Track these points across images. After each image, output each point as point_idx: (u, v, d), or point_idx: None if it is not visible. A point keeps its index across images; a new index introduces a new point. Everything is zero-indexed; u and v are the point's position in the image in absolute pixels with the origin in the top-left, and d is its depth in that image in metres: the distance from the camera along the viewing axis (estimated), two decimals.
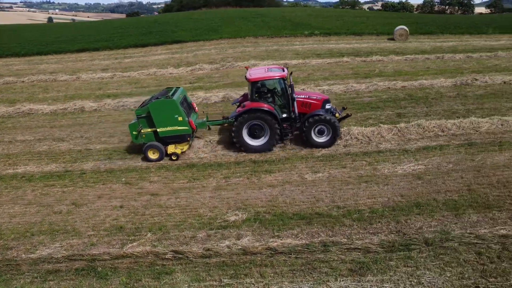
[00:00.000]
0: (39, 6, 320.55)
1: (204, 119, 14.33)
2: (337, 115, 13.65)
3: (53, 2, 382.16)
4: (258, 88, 13.33)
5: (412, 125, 14.00)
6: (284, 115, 13.41)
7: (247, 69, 14.29)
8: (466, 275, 7.36)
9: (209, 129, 14.78)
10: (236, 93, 19.50)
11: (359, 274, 7.61)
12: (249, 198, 10.58)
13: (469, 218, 8.95)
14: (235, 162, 12.78)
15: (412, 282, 7.31)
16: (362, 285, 7.33)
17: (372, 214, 9.40)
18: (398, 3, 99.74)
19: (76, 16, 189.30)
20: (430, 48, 28.64)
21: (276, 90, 13.65)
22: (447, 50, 27.78)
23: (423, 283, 7.26)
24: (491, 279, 7.22)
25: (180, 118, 12.96)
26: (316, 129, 13.12)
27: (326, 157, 12.64)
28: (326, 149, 13.06)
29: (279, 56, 27.90)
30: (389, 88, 19.27)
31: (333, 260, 8.02)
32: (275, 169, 12.06)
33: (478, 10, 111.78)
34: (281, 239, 8.72)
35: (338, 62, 25.20)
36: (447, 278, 7.34)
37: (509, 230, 8.38)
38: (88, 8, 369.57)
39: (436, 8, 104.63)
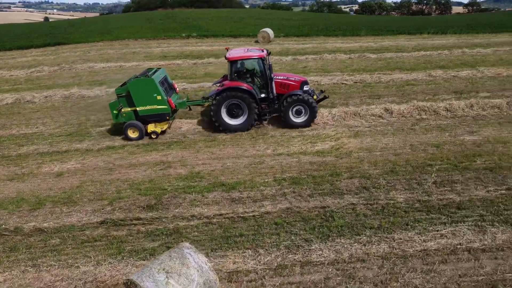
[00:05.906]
0: (38, 6, 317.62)
1: (185, 99, 14.85)
2: (315, 97, 14.10)
3: (52, 2, 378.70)
4: (237, 68, 13.58)
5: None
6: (263, 95, 13.64)
7: (227, 50, 14.47)
8: None
9: (190, 109, 15.38)
10: (32, 96, 20.24)
11: None
12: None
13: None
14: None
15: None
16: None
17: None
18: (376, 3, 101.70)
19: (73, 16, 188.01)
20: (278, 50, 29.55)
21: (255, 70, 13.87)
22: (290, 52, 28.80)
23: None
24: None
25: (159, 97, 13.32)
26: (294, 109, 13.52)
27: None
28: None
29: (128, 58, 28.59)
30: None
31: None
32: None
33: (456, 9, 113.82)
34: None
35: (168, 64, 25.78)
36: None
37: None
38: (86, 8, 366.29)
39: (414, 8, 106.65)
